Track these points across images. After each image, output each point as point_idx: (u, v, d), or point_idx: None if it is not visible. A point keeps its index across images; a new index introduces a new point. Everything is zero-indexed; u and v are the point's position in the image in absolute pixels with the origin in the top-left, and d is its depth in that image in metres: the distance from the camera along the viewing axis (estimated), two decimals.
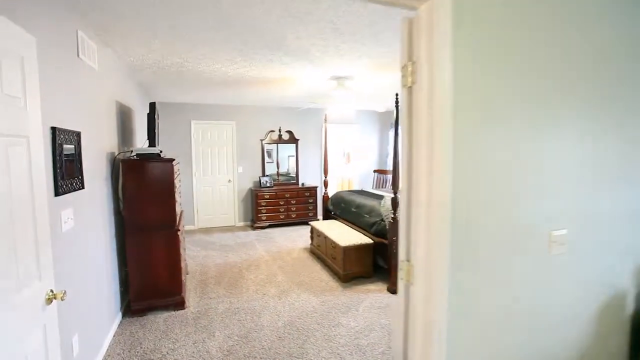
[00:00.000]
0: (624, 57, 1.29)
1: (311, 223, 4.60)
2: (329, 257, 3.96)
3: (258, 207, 5.95)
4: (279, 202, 6.10)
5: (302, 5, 1.89)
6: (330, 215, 5.04)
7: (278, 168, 6.50)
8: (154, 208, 2.81)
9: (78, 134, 1.91)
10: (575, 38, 1.20)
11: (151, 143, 3.01)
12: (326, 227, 4.24)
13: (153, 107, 3.03)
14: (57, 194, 1.63)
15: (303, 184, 6.54)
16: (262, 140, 6.34)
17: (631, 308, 1.46)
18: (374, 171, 7.07)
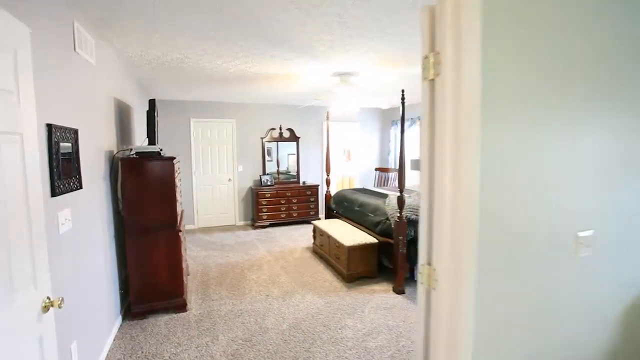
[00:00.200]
0: None
1: (314, 222, 4.53)
2: (333, 257, 3.89)
3: (259, 206, 5.87)
4: (280, 201, 6.02)
5: None
6: (332, 214, 4.97)
7: (278, 166, 6.42)
8: (155, 208, 2.73)
9: (75, 132, 1.83)
10: (608, 35, 1.14)
11: (151, 141, 2.92)
12: (329, 227, 4.17)
13: (153, 104, 2.94)
14: (54, 195, 1.55)
15: (304, 183, 6.47)
16: (263, 138, 6.26)
17: None
18: (375, 169, 7.00)
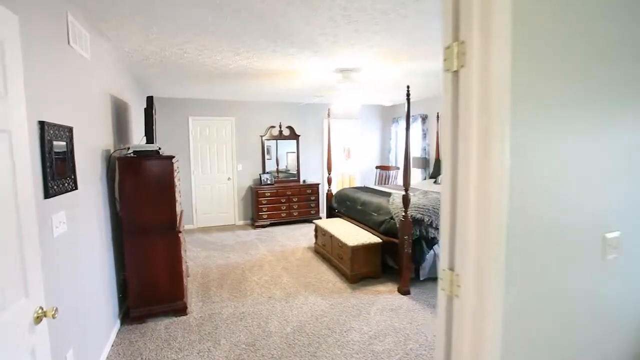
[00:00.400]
0: None
1: (315, 222, 4.45)
2: (336, 257, 3.82)
3: (259, 205, 5.79)
4: (280, 200, 5.94)
5: None
6: (334, 213, 4.89)
7: (277, 165, 6.34)
8: (153, 209, 2.65)
9: (70, 130, 1.74)
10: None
11: (149, 139, 2.83)
12: (331, 226, 4.10)
13: (150, 102, 2.85)
14: (47, 196, 1.46)
15: (304, 181, 6.38)
16: (262, 136, 6.17)
17: None
18: (376, 167, 6.93)
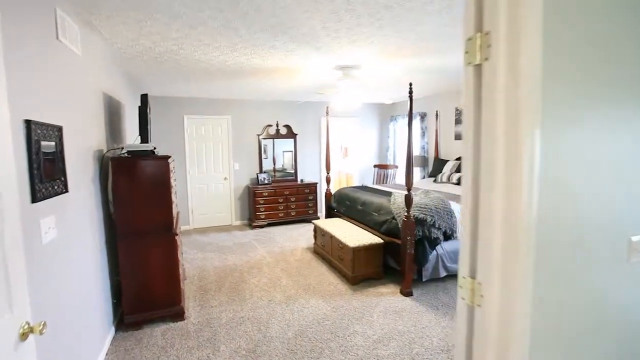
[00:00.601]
0: None
1: (314, 222, 4.37)
2: (336, 258, 3.75)
3: (256, 205, 5.69)
4: (278, 200, 5.85)
5: None
6: (333, 213, 4.82)
7: (274, 164, 6.24)
8: (149, 211, 2.55)
9: (59, 129, 1.64)
10: None
11: (143, 139, 2.73)
12: (331, 226, 4.02)
13: (145, 100, 2.74)
14: (35, 200, 1.37)
15: (302, 181, 6.30)
16: (259, 135, 6.07)
17: None
18: (374, 166, 6.87)
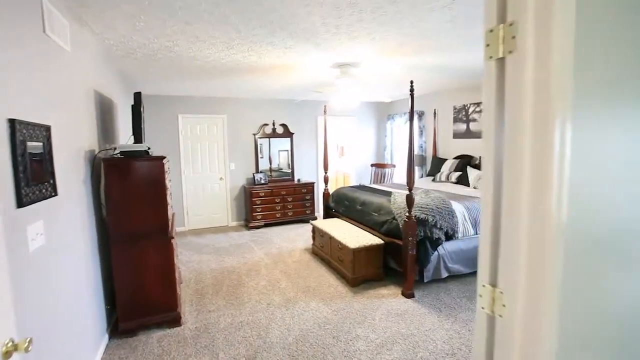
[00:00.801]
0: None
1: (313, 222, 4.30)
2: (335, 259, 3.69)
3: (253, 206, 5.61)
4: (275, 200, 5.77)
5: None
6: (331, 213, 4.76)
7: (270, 164, 6.16)
8: (143, 214, 2.46)
9: (47, 129, 1.55)
10: None
11: (137, 139, 2.63)
12: (330, 227, 3.96)
13: (138, 98, 2.65)
14: (21, 205, 1.28)
15: (299, 180, 6.22)
16: (255, 134, 5.98)
17: None
18: (372, 165, 6.82)
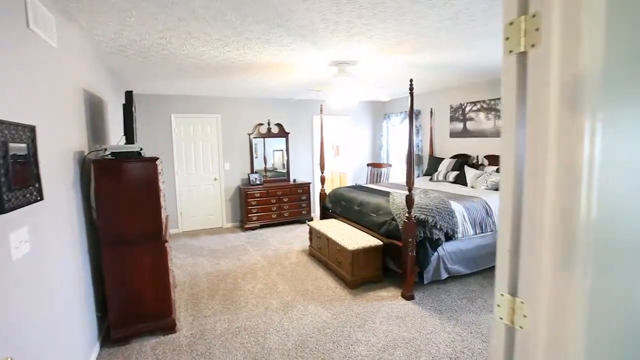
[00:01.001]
0: None
1: (310, 224, 4.24)
2: (333, 261, 3.63)
3: (248, 207, 5.52)
4: (271, 201, 5.69)
5: None
6: (328, 213, 4.70)
7: (265, 164, 6.08)
8: (135, 217, 2.36)
9: (32, 129, 1.46)
10: None
11: (129, 139, 2.53)
12: (327, 228, 3.90)
13: (130, 97, 2.55)
14: (3, 211, 1.19)
15: (294, 180, 6.15)
16: (250, 134, 5.89)
17: None
18: (368, 165, 6.78)
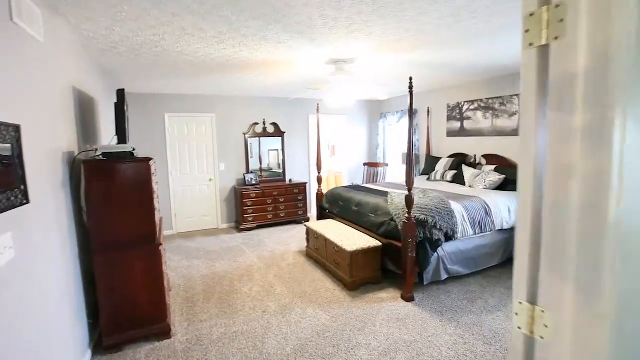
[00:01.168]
0: None
1: (307, 224, 4.18)
2: (331, 262, 3.57)
3: (244, 207, 5.44)
4: (266, 201, 5.62)
5: None
6: (325, 214, 4.64)
7: (261, 163, 6.00)
8: (128, 219, 2.28)
9: (16, 129, 1.37)
10: None
11: (121, 139, 2.45)
12: (325, 229, 3.84)
13: (122, 95, 2.46)
14: None
15: (290, 180, 6.09)
16: (245, 133, 5.81)
17: None
18: (364, 164, 6.74)
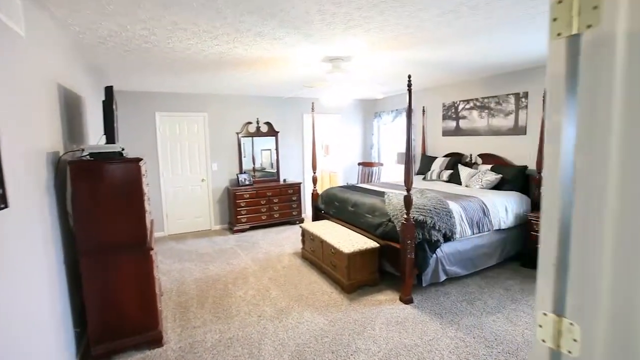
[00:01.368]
0: None
1: (302, 225, 4.11)
2: (328, 264, 3.51)
3: (237, 208, 5.34)
4: (260, 202, 5.52)
5: None
6: (320, 214, 4.57)
7: (254, 163, 5.90)
8: (117, 222, 2.18)
9: None
10: None
11: (109, 139, 2.34)
12: (320, 230, 3.77)
13: (110, 93, 2.35)
14: None
15: (285, 180, 6.01)
16: (238, 133, 5.70)
17: None
18: (359, 164, 6.69)
